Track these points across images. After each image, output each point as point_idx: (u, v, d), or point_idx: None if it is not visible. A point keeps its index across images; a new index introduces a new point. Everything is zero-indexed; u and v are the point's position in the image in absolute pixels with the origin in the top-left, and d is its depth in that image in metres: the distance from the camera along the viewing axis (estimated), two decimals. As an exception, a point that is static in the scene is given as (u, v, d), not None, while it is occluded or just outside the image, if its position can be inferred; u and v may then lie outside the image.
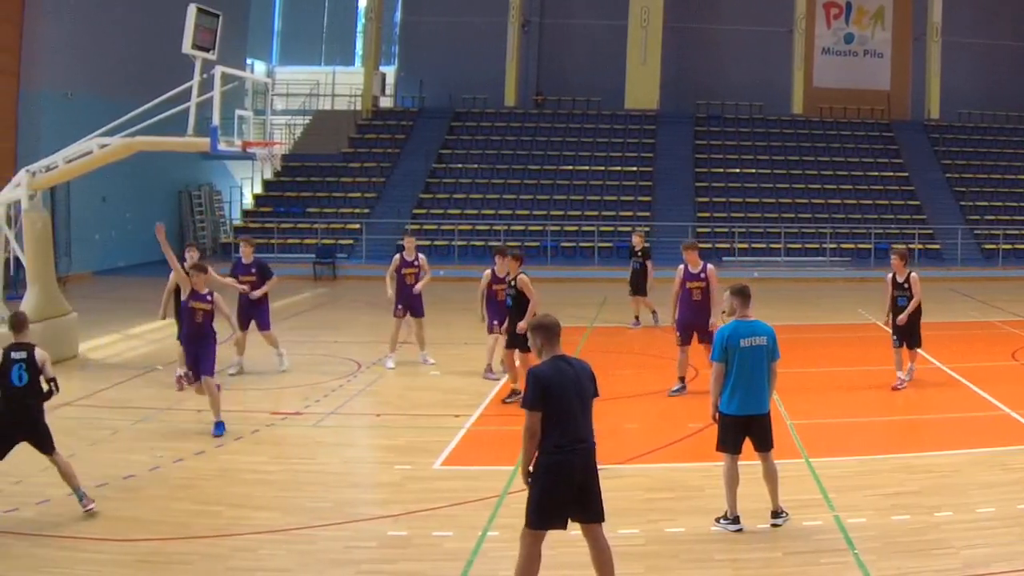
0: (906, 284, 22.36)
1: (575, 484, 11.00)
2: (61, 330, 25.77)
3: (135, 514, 14.46)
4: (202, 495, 15.52)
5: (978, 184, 54.54)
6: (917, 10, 61.44)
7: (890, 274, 22.69)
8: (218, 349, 20.22)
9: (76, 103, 43.11)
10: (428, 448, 17.97)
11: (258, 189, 55.60)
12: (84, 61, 44.92)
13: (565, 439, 10.94)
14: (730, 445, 13.79)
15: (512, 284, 21.40)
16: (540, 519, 11.02)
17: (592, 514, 11.21)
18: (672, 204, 52.35)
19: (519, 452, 11.23)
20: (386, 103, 63.04)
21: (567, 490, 10.97)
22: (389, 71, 64.67)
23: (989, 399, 21.40)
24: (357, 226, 49.93)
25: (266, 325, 24.72)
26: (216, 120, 25.39)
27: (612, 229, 49.29)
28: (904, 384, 22.36)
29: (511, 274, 21.85)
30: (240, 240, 25.85)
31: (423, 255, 26.66)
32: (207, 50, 26.21)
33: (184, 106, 25.80)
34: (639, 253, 31.86)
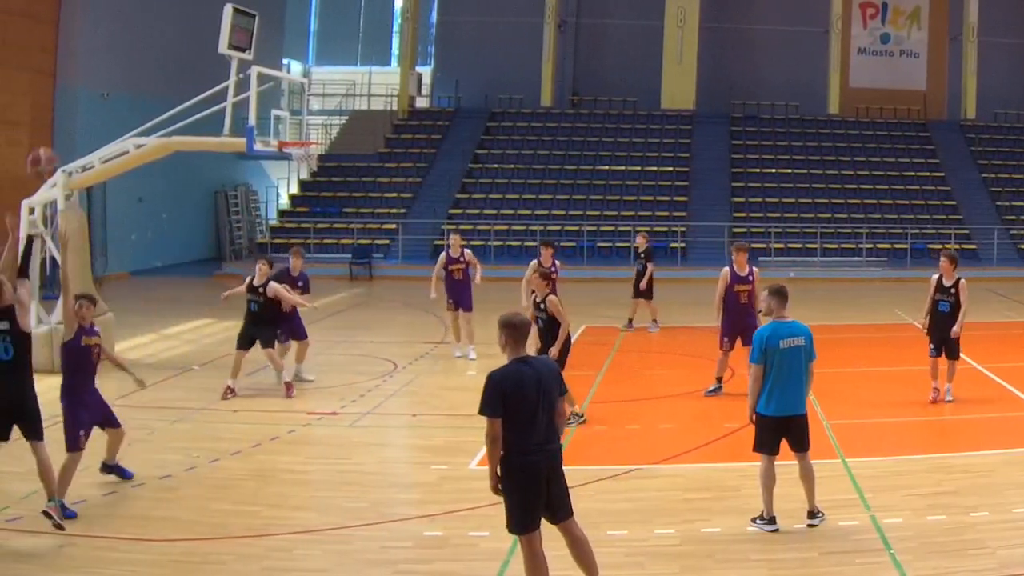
0: (953, 289, 20.94)
1: (543, 486, 10.96)
2: (98, 330, 25.82)
3: (171, 514, 14.51)
4: (238, 495, 15.57)
5: (1014, 184, 54.17)
6: (953, 10, 61.09)
7: (936, 275, 21.39)
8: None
9: (112, 103, 43.26)
10: (464, 448, 17.94)
11: (294, 189, 55.67)
12: (120, 61, 45.08)
13: (529, 442, 10.88)
14: (768, 446, 13.75)
15: (543, 307, 20.56)
16: (521, 523, 10.98)
17: (561, 513, 11.18)
18: (708, 204, 52.21)
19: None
20: (422, 103, 63.09)
21: (537, 492, 10.92)
22: (425, 71, 64.61)
23: (1026, 399, 21.32)
24: (393, 226, 49.95)
25: (290, 337, 24.20)
26: (252, 120, 25.44)
27: (648, 229, 49.09)
28: (939, 396, 21.22)
29: (539, 294, 20.92)
30: (292, 250, 24.67)
31: (468, 250, 26.89)
32: (243, 50, 26.28)
33: (220, 106, 25.84)
34: (642, 255, 31.41)
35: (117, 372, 16.90)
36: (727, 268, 22.33)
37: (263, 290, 22.13)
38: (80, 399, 14.81)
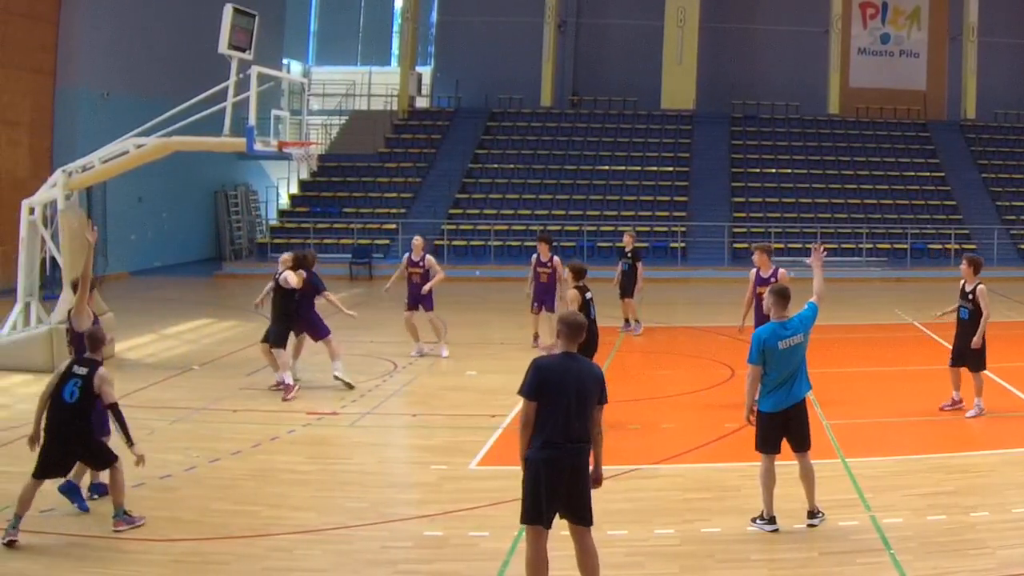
0: (971, 295, 20.05)
1: (564, 482, 10.97)
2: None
3: (172, 514, 14.50)
4: (239, 495, 15.57)
5: (1014, 184, 54.14)
6: (953, 10, 61.07)
7: (963, 281, 20.56)
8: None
9: (112, 103, 43.31)
10: (464, 448, 17.98)
11: (294, 189, 55.61)
12: (120, 61, 45.09)
13: (557, 436, 10.93)
14: (770, 444, 13.76)
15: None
16: (530, 514, 11.00)
17: (579, 516, 11.17)
18: (708, 204, 52.18)
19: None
20: (422, 103, 63.04)
21: (556, 487, 10.93)
22: (425, 71, 64.56)
23: (1026, 399, 21.30)
24: (393, 226, 49.91)
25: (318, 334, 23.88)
26: (252, 120, 25.45)
27: (648, 229, 49.14)
28: (959, 405, 20.41)
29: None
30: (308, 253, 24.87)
31: (431, 256, 27.19)
32: (243, 50, 26.30)
33: (220, 106, 25.84)
34: (628, 254, 31.21)
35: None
36: (754, 270, 22.10)
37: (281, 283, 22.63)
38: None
